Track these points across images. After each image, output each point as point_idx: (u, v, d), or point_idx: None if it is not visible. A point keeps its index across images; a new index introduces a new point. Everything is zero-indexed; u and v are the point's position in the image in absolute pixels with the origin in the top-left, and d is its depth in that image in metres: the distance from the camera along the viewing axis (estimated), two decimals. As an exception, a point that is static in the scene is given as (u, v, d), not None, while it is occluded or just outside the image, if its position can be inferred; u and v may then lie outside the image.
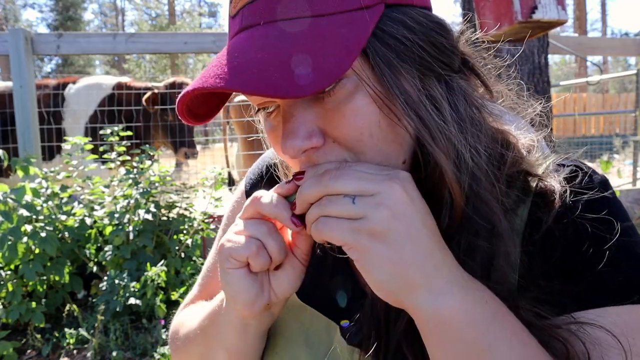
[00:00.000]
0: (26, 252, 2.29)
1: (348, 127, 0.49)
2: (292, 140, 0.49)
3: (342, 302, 0.62)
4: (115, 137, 2.82)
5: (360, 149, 0.50)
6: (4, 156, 2.45)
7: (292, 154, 0.50)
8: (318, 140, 0.50)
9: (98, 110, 3.75)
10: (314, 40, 0.46)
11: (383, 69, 0.48)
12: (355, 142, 0.49)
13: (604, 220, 0.53)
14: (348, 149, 0.50)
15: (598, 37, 21.47)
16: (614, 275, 0.51)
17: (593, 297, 0.51)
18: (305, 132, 0.50)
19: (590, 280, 0.51)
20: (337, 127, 0.49)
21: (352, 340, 0.58)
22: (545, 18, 0.92)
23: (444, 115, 0.51)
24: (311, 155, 0.51)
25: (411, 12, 0.51)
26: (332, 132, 0.50)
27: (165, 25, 25.49)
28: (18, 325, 2.32)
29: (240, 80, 0.44)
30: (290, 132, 0.50)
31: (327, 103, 0.49)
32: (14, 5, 28.44)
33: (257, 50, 0.46)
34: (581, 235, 0.53)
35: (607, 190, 0.55)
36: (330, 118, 0.49)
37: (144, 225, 2.50)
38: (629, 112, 6.26)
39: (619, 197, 0.60)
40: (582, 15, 22.75)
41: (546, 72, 2.73)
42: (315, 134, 0.50)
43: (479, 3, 1.03)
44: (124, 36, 3.48)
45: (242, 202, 0.75)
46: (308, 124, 0.50)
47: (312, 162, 0.51)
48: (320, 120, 0.50)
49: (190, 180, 5.16)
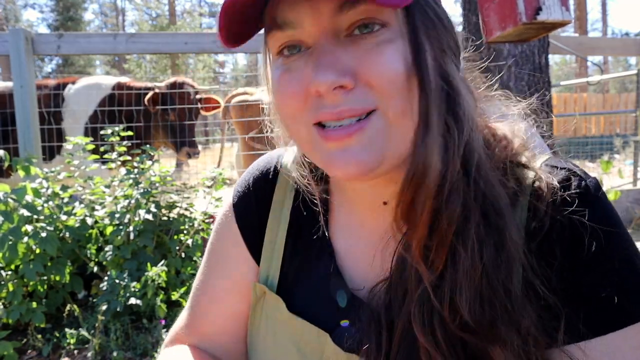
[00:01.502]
0: (27, 252, 2.29)
1: (385, 66, 0.49)
2: (327, 73, 0.49)
3: (342, 303, 0.62)
4: (115, 137, 2.83)
5: (391, 92, 0.50)
6: (5, 156, 2.45)
7: (324, 87, 0.49)
8: (351, 80, 0.50)
9: (98, 110, 3.75)
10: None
11: (419, 27, 0.51)
12: (388, 84, 0.50)
13: (600, 229, 0.52)
14: (379, 93, 0.50)
15: (598, 37, 21.47)
16: (615, 296, 0.51)
17: (595, 324, 0.51)
18: (341, 68, 0.49)
19: (592, 302, 0.51)
20: (374, 66, 0.50)
21: (350, 342, 0.58)
22: (550, 19, 0.92)
23: (460, 93, 0.53)
24: (338, 95, 0.50)
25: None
26: (365, 73, 0.50)
27: (165, 26, 25.49)
28: (18, 325, 2.32)
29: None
30: (326, 64, 0.49)
31: (364, 44, 0.50)
32: (14, 5, 28.46)
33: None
34: (578, 243, 0.52)
35: (602, 193, 0.55)
36: (366, 59, 0.50)
37: (144, 226, 2.50)
38: (630, 112, 6.26)
39: (620, 197, 0.60)
40: (583, 15, 22.75)
41: (547, 72, 2.73)
42: (350, 73, 0.50)
43: (484, 4, 1.03)
44: (125, 36, 3.48)
45: (230, 215, 0.74)
46: (344, 61, 0.50)
47: (336, 103, 0.50)
48: (356, 61, 0.50)
49: (190, 180, 5.17)
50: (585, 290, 0.52)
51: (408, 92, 0.51)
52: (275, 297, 0.67)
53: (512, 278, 0.52)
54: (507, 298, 0.51)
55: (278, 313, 0.66)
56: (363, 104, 0.50)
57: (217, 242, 0.76)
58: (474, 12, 2.82)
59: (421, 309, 0.53)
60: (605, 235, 0.52)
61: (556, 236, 0.53)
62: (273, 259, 0.70)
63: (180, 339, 0.76)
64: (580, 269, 0.52)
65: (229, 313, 0.73)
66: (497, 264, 0.51)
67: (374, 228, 0.64)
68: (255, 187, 0.74)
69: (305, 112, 0.53)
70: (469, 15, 2.85)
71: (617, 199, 3.35)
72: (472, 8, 2.82)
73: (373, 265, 0.62)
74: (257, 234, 0.72)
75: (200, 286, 0.75)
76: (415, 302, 0.53)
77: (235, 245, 0.73)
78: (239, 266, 0.73)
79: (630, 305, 0.51)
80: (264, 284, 0.70)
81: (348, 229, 0.67)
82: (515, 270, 0.52)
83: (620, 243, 0.53)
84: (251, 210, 0.73)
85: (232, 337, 0.73)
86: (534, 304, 0.52)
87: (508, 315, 0.50)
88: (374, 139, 0.51)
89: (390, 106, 0.50)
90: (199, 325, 0.74)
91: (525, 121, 0.64)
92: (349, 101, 0.50)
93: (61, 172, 2.69)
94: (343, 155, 0.52)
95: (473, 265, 0.51)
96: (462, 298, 0.50)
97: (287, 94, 0.53)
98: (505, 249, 0.51)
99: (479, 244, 0.51)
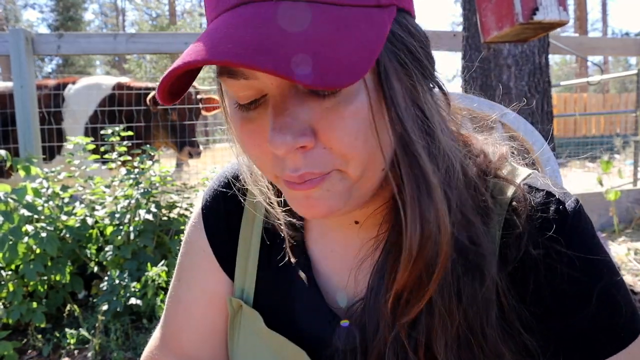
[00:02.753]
0: (27, 252, 2.29)
1: (345, 129, 0.45)
2: (284, 136, 0.44)
3: (342, 303, 0.62)
4: (116, 137, 2.83)
5: (352, 154, 0.46)
6: (7, 157, 2.45)
7: (282, 150, 0.45)
8: (310, 140, 0.45)
9: (98, 110, 3.75)
10: (336, 30, 0.42)
11: (390, 73, 0.46)
12: (348, 147, 0.46)
13: (577, 259, 0.50)
14: (339, 154, 0.47)
15: (599, 37, 21.45)
16: (590, 331, 0.50)
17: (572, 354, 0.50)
18: (298, 129, 0.45)
19: (566, 339, 0.50)
20: (333, 129, 0.45)
21: (348, 342, 0.57)
22: (547, 19, 0.92)
23: (435, 126, 0.49)
24: (298, 156, 0.46)
25: (411, 20, 0.50)
26: (325, 134, 0.46)
27: (165, 26, 25.48)
28: (19, 325, 2.32)
29: (267, 59, 0.38)
30: (283, 126, 0.45)
31: (326, 102, 0.45)
32: (14, 5, 28.45)
33: (271, 29, 0.40)
34: (552, 275, 0.51)
35: (581, 218, 0.52)
36: (326, 118, 0.45)
37: (144, 226, 2.50)
38: (630, 112, 6.25)
39: (620, 197, 0.60)
40: (583, 15, 22.74)
41: (547, 72, 2.73)
42: (308, 132, 0.45)
43: (481, 4, 1.03)
44: (125, 36, 3.48)
45: (199, 225, 0.70)
46: (302, 120, 0.45)
47: (297, 167, 0.47)
48: (314, 119, 0.46)
49: (190, 180, 5.16)
50: (558, 326, 0.50)
51: (371, 146, 0.47)
52: (252, 311, 0.65)
53: (490, 318, 0.50)
54: (485, 340, 0.49)
55: (256, 327, 0.64)
56: (322, 167, 0.47)
57: (187, 256, 0.72)
58: (474, 12, 2.82)
59: (395, 352, 0.51)
60: (582, 266, 0.50)
61: (529, 266, 0.51)
62: (247, 272, 0.68)
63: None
64: (554, 302, 0.51)
65: (205, 328, 0.70)
66: (476, 305, 0.49)
67: (348, 246, 0.63)
68: (226, 194, 0.70)
69: (270, 163, 0.50)
70: (469, 15, 2.85)
71: (617, 199, 3.36)
72: (472, 8, 2.82)
73: (348, 285, 0.61)
74: (229, 245, 0.69)
75: (173, 301, 0.72)
76: (389, 345, 0.51)
77: (205, 258, 0.70)
78: (211, 279, 0.70)
79: (606, 340, 0.49)
80: (240, 298, 0.67)
81: (323, 244, 0.65)
82: (492, 308, 0.50)
83: (597, 274, 0.50)
84: (221, 220, 0.70)
85: (210, 353, 0.70)
86: (511, 342, 0.51)
87: (487, 358, 0.49)
88: (337, 191, 0.49)
89: (351, 167, 0.47)
90: (175, 342, 0.71)
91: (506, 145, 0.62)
92: (308, 164, 0.47)
93: (62, 172, 2.69)
94: (308, 201, 0.50)
95: (450, 310, 0.49)
96: (439, 344, 0.49)
97: (251, 145, 0.50)
98: (484, 286, 0.49)
99: (456, 286, 0.49)
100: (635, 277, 2.79)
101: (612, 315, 0.50)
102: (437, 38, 0.58)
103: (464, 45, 2.91)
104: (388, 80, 0.46)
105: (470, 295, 0.49)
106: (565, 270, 0.50)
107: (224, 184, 0.71)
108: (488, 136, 0.62)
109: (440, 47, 3.53)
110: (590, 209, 3.86)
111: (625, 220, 4.08)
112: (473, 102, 0.90)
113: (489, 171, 0.57)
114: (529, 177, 0.57)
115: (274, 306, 0.66)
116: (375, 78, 0.46)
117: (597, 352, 0.49)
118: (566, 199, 0.53)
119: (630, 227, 3.99)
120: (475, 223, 0.51)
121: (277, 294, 0.66)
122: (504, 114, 0.91)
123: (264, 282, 0.67)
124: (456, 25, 31.53)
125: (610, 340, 0.49)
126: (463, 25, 2.92)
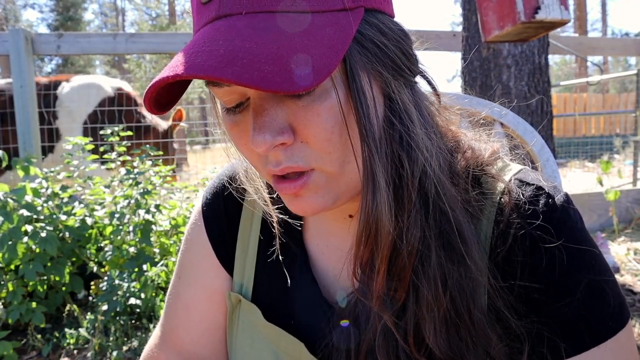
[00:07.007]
0: (26, 252, 2.29)
1: (320, 125, 0.48)
2: (263, 135, 0.48)
3: (342, 303, 0.62)
4: (115, 138, 2.82)
5: (328, 149, 0.49)
6: (3, 157, 2.45)
7: (263, 148, 0.48)
8: (289, 137, 0.49)
9: (98, 110, 3.74)
10: (302, 37, 0.45)
11: (355, 72, 0.48)
12: (324, 142, 0.49)
13: (564, 249, 0.51)
14: (317, 148, 0.49)
15: (598, 37, 21.47)
16: (577, 320, 0.50)
17: (557, 348, 0.50)
18: (277, 127, 0.48)
19: (554, 327, 0.51)
20: (310, 125, 0.48)
21: (323, 352, 0.59)
22: (549, 18, 0.92)
23: (412, 121, 0.51)
24: (279, 152, 0.50)
25: (383, 18, 0.52)
26: (302, 131, 0.49)
27: (165, 26, 25.49)
28: (18, 325, 2.32)
29: (233, 70, 0.41)
30: (262, 126, 0.48)
31: (301, 100, 0.48)
32: (14, 5, 28.45)
33: (243, 40, 0.44)
34: (539, 265, 0.51)
35: (570, 211, 0.53)
36: (303, 116, 0.48)
37: (144, 225, 2.50)
38: (629, 112, 6.25)
39: (619, 197, 0.60)
40: (583, 15, 22.74)
41: (546, 72, 2.73)
42: (287, 130, 0.49)
43: (482, 3, 1.03)
44: (124, 36, 3.48)
45: (200, 223, 0.73)
46: (280, 119, 0.49)
47: (279, 161, 0.50)
48: (292, 117, 0.49)
49: (190, 180, 5.16)
50: (546, 315, 0.51)
51: (347, 140, 0.50)
52: (251, 306, 0.67)
53: (477, 303, 0.51)
54: (473, 325, 0.51)
55: (254, 321, 0.66)
56: (301, 162, 0.50)
57: (187, 253, 0.74)
58: (474, 12, 2.82)
59: (385, 340, 0.53)
60: (570, 255, 0.51)
61: (518, 257, 0.53)
62: (246, 267, 0.69)
63: (155, 357, 0.74)
64: (541, 292, 0.51)
65: (205, 324, 0.71)
66: (462, 290, 0.51)
67: (343, 239, 0.64)
68: (225, 193, 0.72)
69: (259, 160, 0.53)
70: (469, 15, 2.85)
71: (617, 199, 3.36)
72: (472, 8, 2.82)
73: (342, 278, 0.63)
74: (228, 242, 0.71)
75: (173, 298, 0.73)
76: (379, 333, 0.53)
77: (206, 255, 0.72)
78: (211, 276, 0.71)
79: (593, 329, 0.50)
80: (238, 292, 0.69)
81: (319, 238, 0.67)
82: (480, 294, 0.52)
83: (584, 264, 0.51)
84: (221, 218, 0.72)
85: (210, 350, 0.72)
86: (499, 328, 0.52)
87: (475, 343, 0.50)
88: (321, 190, 0.52)
89: (327, 163, 0.50)
90: (175, 339, 0.72)
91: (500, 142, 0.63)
92: (288, 159, 0.50)
93: (61, 172, 2.69)
94: (296, 201, 0.53)
95: (437, 296, 0.50)
96: (427, 329, 0.50)
97: (240, 145, 0.54)
98: (470, 273, 0.51)
99: (442, 273, 0.51)
100: (635, 277, 2.78)
101: (599, 303, 0.50)
102: (437, 38, 0.59)
103: (464, 45, 2.91)
104: (355, 78, 0.48)
105: (456, 282, 0.51)
106: (553, 260, 0.51)
107: (223, 183, 0.73)
108: (482, 133, 0.64)
109: (440, 47, 3.53)
110: (590, 209, 3.88)
111: (625, 220, 4.08)
112: (471, 102, 0.90)
113: (478, 165, 0.58)
114: (520, 172, 0.58)
115: (272, 300, 0.67)
116: (344, 77, 0.49)
117: (584, 340, 0.50)
118: (556, 192, 0.54)
119: (629, 227, 3.99)
120: (458, 213, 0.52)
121: (275, 289, 0.67)
122: (504, 114, 0.91)
123: (262, 277, 0.69)
124: (456, 25, 31.54)
125: (598, 328, 0.50)
126: (463, 25, 2.92)
